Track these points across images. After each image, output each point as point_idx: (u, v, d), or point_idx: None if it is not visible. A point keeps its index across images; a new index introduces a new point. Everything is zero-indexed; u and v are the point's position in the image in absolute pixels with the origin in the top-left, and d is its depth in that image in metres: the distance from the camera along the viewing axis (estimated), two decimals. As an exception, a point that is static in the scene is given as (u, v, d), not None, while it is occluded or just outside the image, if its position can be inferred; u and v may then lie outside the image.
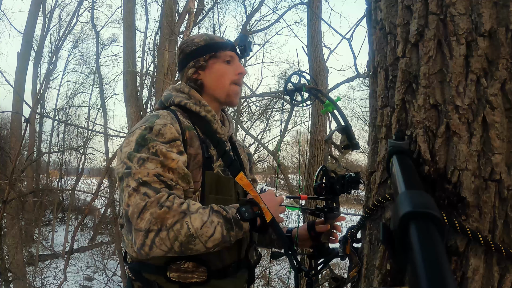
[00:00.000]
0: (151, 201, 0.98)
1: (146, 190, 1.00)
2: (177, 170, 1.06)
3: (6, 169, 5.41)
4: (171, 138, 1.09)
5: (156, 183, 1.02)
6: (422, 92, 0.68)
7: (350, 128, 1.11)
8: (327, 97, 1.12)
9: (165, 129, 1.10)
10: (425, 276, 0.33)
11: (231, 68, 1.29)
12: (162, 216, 0.97)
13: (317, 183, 1.12)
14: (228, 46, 1.30)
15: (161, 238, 0.97)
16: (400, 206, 0.43)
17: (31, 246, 8.33)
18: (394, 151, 0.66)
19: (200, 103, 1.24)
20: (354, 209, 11.66)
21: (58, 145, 13.64)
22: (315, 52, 4.56)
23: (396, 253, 0.43)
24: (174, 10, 5.75)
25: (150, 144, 1.06)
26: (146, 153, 1.05)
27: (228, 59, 1.29)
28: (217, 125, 1.25)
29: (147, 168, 1.03)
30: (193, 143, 1.17)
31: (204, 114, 1.23)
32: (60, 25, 12.27)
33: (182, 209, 1.00)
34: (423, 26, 0.69)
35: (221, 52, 1.29)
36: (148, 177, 1.02)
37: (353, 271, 0.86)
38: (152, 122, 1.11)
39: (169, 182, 1.04)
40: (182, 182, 1.08)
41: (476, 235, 0.62)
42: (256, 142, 8.94)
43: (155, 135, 1.08)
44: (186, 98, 1.24)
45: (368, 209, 0.80)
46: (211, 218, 1.02)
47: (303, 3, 5.77)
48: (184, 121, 1.18)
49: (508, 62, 0.62)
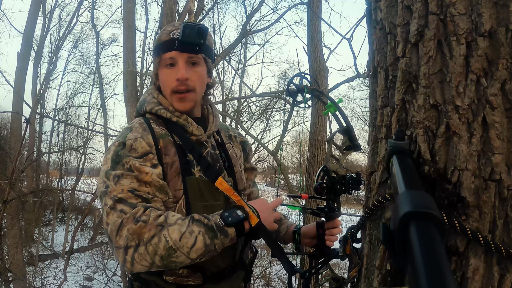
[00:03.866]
0: (127, 217, 0.97)
1: (122, 206, 0.99)
2: (153, 182, 1.04)
3: (6, 169, 5.41)
4: (143, 153, 1.08)
5: (132, 198, 1.01)
6: (422, 92, 0.68)
7: (352, 129, 1.11)
8: (329, 99, 1.12)
9: (136, 143, 1.08)
10: (425, 276, 0.33)
11: (172, 73, 1.17)
12: (138, 231, 0.96)
13: (318, 183, 1.12)
14: (169, 46, 1.16)
15: (140, 254, 0.96)
16: (400, 206, 0.43)
17: (31, 246, 8.33)
18: (394, 151, 0.66)
19: (169, 109, 1.18)
20: (354, 209, 11.66)
21: (58, 145, 13.65)
22: (315, 52, 4.56)
23: (396, 253, 0.43)
24: (174, 10, 5.75)
25: (124, 160, 1.05)
26: (120, 170, 1.04)
27: (169, 62, 1.17)
28: (192, 127, 1.18)
29: (122, 184, 1.02)
30: (168, 151, 1.13)
31: (175, 120, 1.18)
32: (60, 25, 12.28)
33: (158, 222, 0.98)
34: (423, 26, 0.69)
35: (164, 54, 1.17)
36: (123, 194, 1.01)
37: (353, 270, 0.86)
38: (125, 137, 1.10)
39: (145, 195, 1.03)
40: (160, 194, 1.06)
41: (476, 235, 0.62)
42: (256, 142, 8.94)
43: (128, 150, 1.07)
44: (156, 104, 1.19)
45: (368, 209, 0.80)
46: (191, 228, 0.99)
47: (303, 3, 5.77)
48: (157, 129, 1.15)
49: (508, 62, 0.62)
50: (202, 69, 1.20)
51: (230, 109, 12.19)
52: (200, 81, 1.19)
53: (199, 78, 1.19)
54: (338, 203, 1.17)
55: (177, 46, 1.14)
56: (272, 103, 10.94)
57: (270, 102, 10.93)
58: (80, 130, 12.87)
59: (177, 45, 1.14)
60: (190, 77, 1.16)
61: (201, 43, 1.15)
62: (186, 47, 1.15)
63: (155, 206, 1.03)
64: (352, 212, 12.26)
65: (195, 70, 1.18)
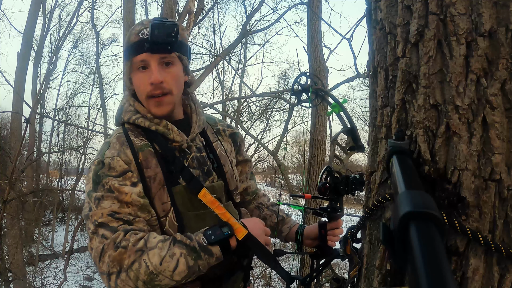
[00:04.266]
0: (107, 243, 0.96)
1: (104, 231, 0.98)
2: (133, 202, 1.01)
3: (6, 169, 5.40)
4: (122, 171, 1.04)
5: (113, 222, 0.99)
6: (422, 92, 0.68)
7: (355, 130, 1.10)
8: (334, 99, 1.11)
9: (113, 162, 1.04)
10: (425, 276, 0.33)
11: (145, 77, 1.09)
12: (118, 258, 0.95)
13: (321, 183, 1.11)
14: (138, 47, 1.08)
15: (122, 280, 0.95)
16: (400, 206, 0.43)
17: (31, 246, 8.33)
18: (394, 151, 0.66)
19: (147, 117, 1.12)
20: (354, 209, 11.66)
21: (58, 145, 13.65)
22: (315, 52, 4.56)
23: (396, 253, 0.43)
24: (174, 10, 5.74)
25: (104, 180, 1.02)
26: (101, 191, 1.02)
27: (141, 65, 1.09)
28: (173, 134, 1.12)
29: (103, 207, 1.00)
30: (149, 163, 1.08)
31: (154, 128, 1.11)
32: (60, 25, 12.27)
33: (138, 247, 0.95)
34: (423, 26, 0.69)
35: (134, 57, 1.09)
36: (103, 218, 0.99)
37: (353, 270, 0.86)
38: (103, 155, 1.06)
39: (126, 217, 1.00)
40: (142, 213, 1.03)
41: (476, 235, 0.62)
42: (256, 142, 8.94)
43: (107, 169, 1.04)
44: (133, 113, 1.13)
45: (368, 209, 0.80)
46: (172, 250, 0.97)
47: (303, 3, 5.77)
48: (136, 141, 1.10)
49: (508, 62, 0.62)
50: (177, 68, 1.13)
51: (230, 109, 12.20)
52: (176, 81, 1.12)
53: (174, 79, 1.11)
54: (341, 203, 1.17)
55: (147, 47, 1.06)
56: (272, 103, 10.94)
57: (270, 102, 10.93)
58: (80, 130, 12.89)
59: (147, 46, 1.06)
60: (164, 79, 1.09)
61: (173, 41, 1.07)
62: (157, 47, 1.07)
63: (137, 227, 1.00)
64: (352, 212, 12.23)
65: (169, 71, 1.10)
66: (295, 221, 1.40)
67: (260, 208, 1.43)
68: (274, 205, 1.46)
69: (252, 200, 1.46)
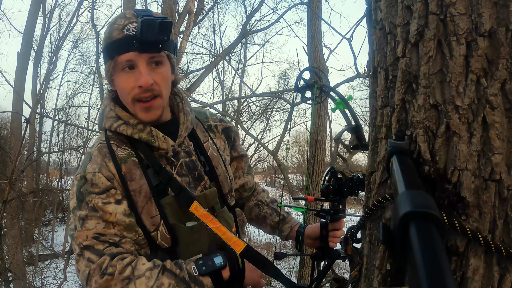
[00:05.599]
0: (93, 268, 0.92)
1: (89, 255, 0.94)
2: (118, 222, 0.96)
3: (6, 169, 5.40)
4: (104, 188, 0.98)
5: (99, 244, 0.94)
6: (422, 92, 0.68)
7: (360, 128, 1.05)
8: (339, 96, 1.08)
9: (95, 178, 0.98)
10: (425, 276, 0.33)
11: (132, 78, 0.99)
12: (104, 285, 0.91)
13: (324, 185, 1.08)
14: (124, 45, 0.96)
15: None
16: (400, 206, 0.43)
17: (31, 246, 8.33)
18: (394, 151, 0.66)
19: (130, 123, 1.03)
20: (354, 209, 11.66)
21: (58, 145, 13.66)
22: (315, 52, 4.56)
23: (396, 253, 0.43)
24: (174, 10, 5.74)
25: (87, 198, 0.97)
26: (85, 209, 0.96)
27: (128, 65, 0.99)
28: (158, 141, 1.04)
29: (88, 228, 0.95)
30: (133, 175, 1.01)
31: (138, 137, 1.03)
32: (60, 25, 12.27)
33: (124, 275, 0.91)
34: (423, 26, 0.69)
35: (119, 56, 0.98)
36: (88, 241, 0.94)
37: (354, 270, 0.86)
38: (84, 170, 1.00)
39: (112, 239, 0.96)
40: (128, 233, 0.98)
41: (476, 235, 0.62)
42: (256, 142, 8.94)
43: (90, 186, 0.98)
44: (115, 119, 1.05)
45: (368, 209, 0.80)
46: (160, 280, 0.92)
47: (303, 3, 5.77)
48: (119, 151, 1.03)
49: (508, 62, 0.62)
50: (166, 68, 1.03)
51: (230, 109, 12.20)
52: (165, 83, 1.03)
53: (164, 80, 1.02)
54: (344, 205, 1.15)
55: (136, 46, 0.95)
56: (272, 103, 10.95)
57: (270, 102, 10.94)
58: (80, 130, 12.89)
59: (135, 45, 0.95)
60: (154, 81, 0.99)
61: (165, 40, 0.97)
62: (147, 46, 0.96)
63: (124, 249, 0.97)
64: (352, 212, 12.23)
65: (159, 72, 1.01)
66: (296, 220, 1.38)
67: (260, 206, 1.39)
68: (274, 202, 1.42)
69: (251, 197, 1.42)
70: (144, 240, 1.02)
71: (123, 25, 0.97)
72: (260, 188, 1.47)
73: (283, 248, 7.90)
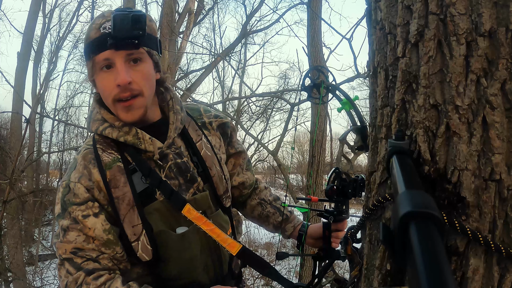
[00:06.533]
0: (70, 281, 0.94)
1: (68, 266, 0.96)
2: (97, 237, 0.96)
3: (6, 169, 5.40)
4: (83, 199, 0.98)
5: (77, 258, 0.95)
6: (422, 92, 0.68)
7: (366, 128, 1.03)
8: (345, 95, 1.06)
9: (75, 188, 0.98)
10: (425, 276, 0.33)
11: (110, 77, 0.96)
12: None
13: (329, 186, 1.07)
14: (100, 44, 0.94)
15: None
16: (400, 206, 0.43)
17: (31, 246, 8.33)
18: (394, 151, 0.66)
19: (115, 125, 1.01)
20: (354, 209, 11.66)
21: (58, 145, 13.65)
22: (315, 52, 4.56)
23: (396, 253, 0.43)
24: (174, 10, 5.75)
25: (69, 208, 0.97)
26: (67, 219, 0.97)
27: (105, 64, 0.96)
28: (145, 144, 1.01)
29: (68, 240, 0.96)
30: (117, 182, 0.99)
31: (123, 140, 1.00)
32: (60, 25, 12.25)
33: None
34: (423, 26, 0.69)
35: (96, 56, 0.96)
36: (66, 254, 0.96)
37: (355, 270, 0.86)
38: (69, 177, 1.00)
39: (90, 255, 0.96)
40: (106, 249, 0.97)
41: (476, 235, 0.62)
42: (256, 142, 8.94)
43: (72, 196, 0.98)
44: (101, 122, 1.02)
45: (368, 209, 0.80)
46: None
47: (303, 3, 5.77)
48: (105, 156, 1.01)
49: (508, 62, 0.62)
50: (147, 65, 0.99)
51: (230, 109, 12.20)
52: (146, 81, 0.99)
53: (144, 78, 0.98)
54: (347, 205, 1.14)
55: (111, 43, 0.92)
56: (272, 103, 10.95)
57: (270, 102, 10.94)
58: (80, 130, 12.88)
59: (110, 42, 0.92)
60: (133, 79, 0.95)
61: (140, 34, 0.92)
62: (122, 43, 0.92)
63: (101, 265, 0.96)
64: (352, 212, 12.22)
65: (138, 69, 0.97)
66: (299, 219, 1.36)
67: (263, 205, 1.36)
68: (277, 200, 1.39)
69: (252, 194, 1.38)
70: (124, 256, 1.01)
71: (99, 24, 0.95)
72: (263, 185, 1.43)
73: (283, 248, 7.89)
